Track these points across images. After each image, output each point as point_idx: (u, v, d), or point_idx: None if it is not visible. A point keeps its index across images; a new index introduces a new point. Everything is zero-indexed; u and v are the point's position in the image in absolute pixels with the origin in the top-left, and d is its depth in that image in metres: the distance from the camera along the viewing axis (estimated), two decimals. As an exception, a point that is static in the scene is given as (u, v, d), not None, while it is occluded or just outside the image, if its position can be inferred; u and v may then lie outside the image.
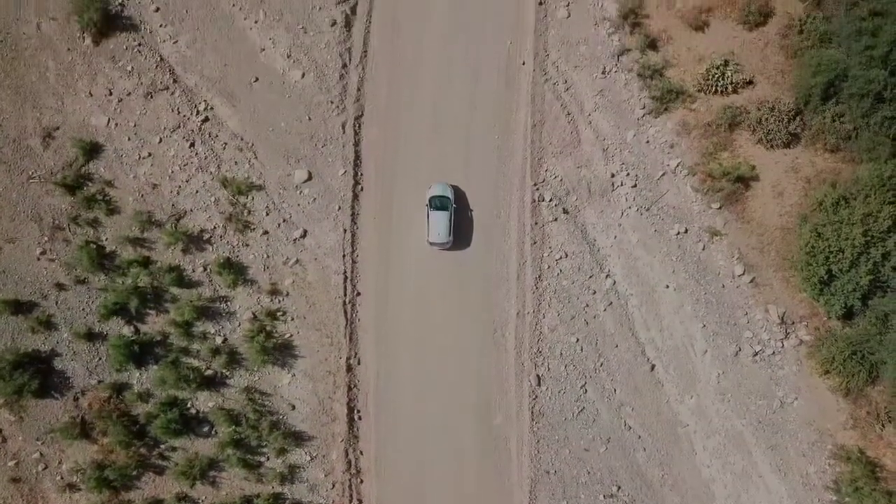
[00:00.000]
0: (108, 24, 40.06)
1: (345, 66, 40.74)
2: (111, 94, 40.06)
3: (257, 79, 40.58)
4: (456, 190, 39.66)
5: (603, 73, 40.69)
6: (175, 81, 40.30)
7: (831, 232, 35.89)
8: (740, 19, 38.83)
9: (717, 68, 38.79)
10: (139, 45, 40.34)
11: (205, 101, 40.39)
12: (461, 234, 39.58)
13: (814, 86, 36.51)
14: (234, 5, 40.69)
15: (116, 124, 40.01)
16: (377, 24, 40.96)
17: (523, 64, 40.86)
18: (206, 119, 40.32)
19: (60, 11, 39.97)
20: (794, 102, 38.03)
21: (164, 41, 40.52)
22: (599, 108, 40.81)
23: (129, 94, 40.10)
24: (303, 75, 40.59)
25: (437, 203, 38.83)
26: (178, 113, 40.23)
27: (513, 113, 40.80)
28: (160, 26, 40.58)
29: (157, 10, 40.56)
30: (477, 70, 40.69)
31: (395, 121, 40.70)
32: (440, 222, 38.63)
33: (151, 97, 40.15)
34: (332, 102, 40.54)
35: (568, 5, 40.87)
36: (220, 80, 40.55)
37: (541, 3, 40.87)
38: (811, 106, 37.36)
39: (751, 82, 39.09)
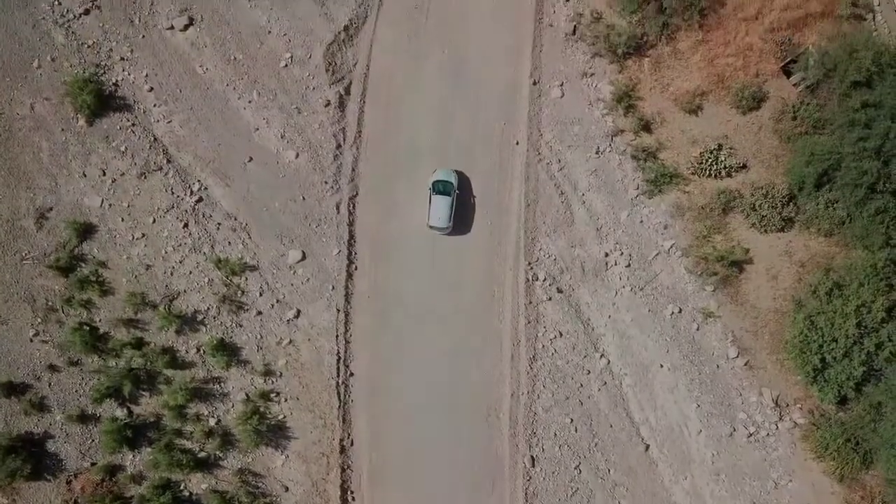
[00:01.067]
0: (102, 104, 40.04)
1: (339, 146, 40.74)
2: (105, 174, 40.05)
3: (251, 159, 40.58)
4: (460, 176, 39.81)
5: (597, 152, 40.71)
6: (169, 161, 40.29)
7: (825, 322, 35.88)
8: (734, 103, 38.87)
9: (711, 153, 38.82)
10: (133, 125, 40.34)
11: (198, 181, 40.38)
12: (461, 220, 39.72)
13: (807, 174, 36.51)
14: (227, 85, 40.68)
15: (110, 205, 39.98)
16: (371, 104, 40.97)
17: (517, 143, 40.88)
18: (200, 199, 40.30)
19: (54, 92, 39.97)
20: (787, 188, 38.03)
21: (158, 121, 40.52)
22: (593, 187, 40.81)
23: (122, 174, 40.09)
24: (297, 155, 40.59)
25: (440, 187, 39.13)
26: (172, 193, 40.21)
27: (506, 193, 40.77)
28: (154, 106, 40.57)
29: (151, 89, 40.56)
30: (471, 149, 40.68)
31: (389, 200, 40.68)
32: (441, 207, 38.91)
33: (145, 177, 40.14)
34: (326, 182, 40.54)
35: (561, 85, 40.87)
36: (214, 159, 40.55)
37: (535, 83, 40.87)
38: (805, 192, 37.38)
39: (745, 166, 39.11)
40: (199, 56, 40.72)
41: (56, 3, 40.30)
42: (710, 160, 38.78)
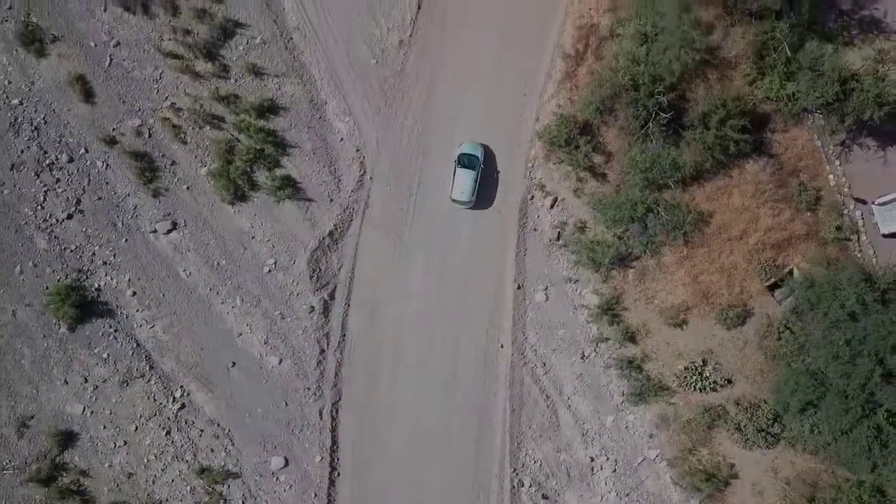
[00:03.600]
0: (85, 310, 39.81)
1: (322, 351, 40.49)
2: (87, 381, 39.81)
3: (234, 364, 40.34)
4: (486, 151, 39.79)
5: (582, 357, 40.48)
6: (151, 368, 40.04)
7: (811, 553, 35.57)
8: (719, 320, 38.66)
9: (696, 368, 38.63)
10: (115, 330, 40.10)
11: (181, 386, 40.13)
12: (483, 195, 40.00)
13: (791, 401, 36.27)
14: (211, 290, 40.47)
15: (92, 412, 39.74)
16: (356, 309, 40.74)
17: (501, 347, 40.64)
18: (183, 406, 40.04)
19: (37, 298, 39.73)
20: (772, 407, 37.78)
21: (141, 326, 40.29)
22: (578, 391, 40.56)
23: (104, 381, 39.85)
24: (280, 361, 40.35)
25: (466, 161, 39.24)
26: (154, 400, 39.95)
27: (491, 397, 40.51)
28: (137, 311, 40.35)
29: (134, 294, 40.34)
30: (455, 355, 40.44)
31: (372, 406, 40.42)
32: (465, 180, 38.99)
33: (127, 385, 39.88)
34: (309, 389, 40.28)
35: (546, 289, 40.67)
36: (196, 365, 40.30)
37: (519, 287, 40.68)
38: (789, 415, 37.13)
39: (730, 381, 38.89)
40: (183, 260, 40.53)
41: (38, 208, 40.11)
42: (695, 376, 38.57)
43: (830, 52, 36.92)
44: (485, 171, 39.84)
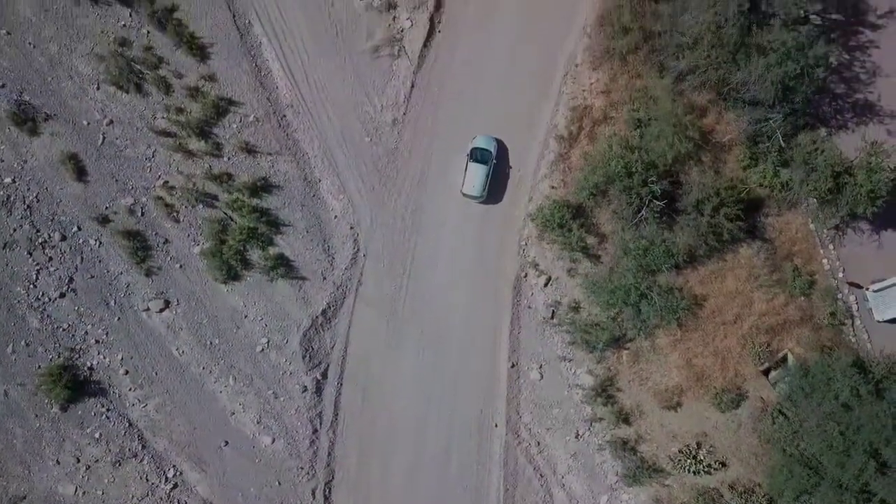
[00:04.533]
0: (77, 389, 39.66)
1: (315, 430, 40.34)
2: (79, 461, 39.67)
3: (227, 443, 40.19)
4: (499, 145, 39.39)
5: (576, 436, 40.33)
6: (144, 447, 39.90)
7: None
8: (713, 402, 38.50)
9: (690, 451, 38.46)
10: (108, 410, 39.97)
11: (174, 466, 40.00)
12: (495, 189, 39.68)
13: (786, 488, 36.12)
14: (203, 368, 40.34)
15: (84, 493, 39.60)
16: (349, 387, 40.63)
17: (496, 426, 40.47)
18: (175, 486, 39.92)
19: (29, 377, 39.60)
20: (767, 492, 37.61)
21: (133, 405, 40.16)
22: (573, 470, 40.40)
23: (97, 461, 39.71)
24: (273, 440, 40.20)
25: (478, 155, 38.82)
26: (147, 480, 39.82)
27: (485, 476, 40.34)
28: (129, 390, 40.23)
29: (127, 373, 40.22)
30: (449, 434, 40.29)
31: (365, 485, 40.28)
32: (477, 175, 38.62)
33: (120, 465, 39.75)
34: (302, 468, 40.12)
35: (540, 367, 40.52)
36: (189, 444, 40.16)
37: (513, 366, 40.54)
38: (784, 500, 36.93)
39: (724, 464, 38.71)
40: (176, 339, 40.40)
41: (31, 286, 39.98)
42: (689, 458, 38.41)
43: (824, 135, 36.89)
44: (497, 167, 39.31)
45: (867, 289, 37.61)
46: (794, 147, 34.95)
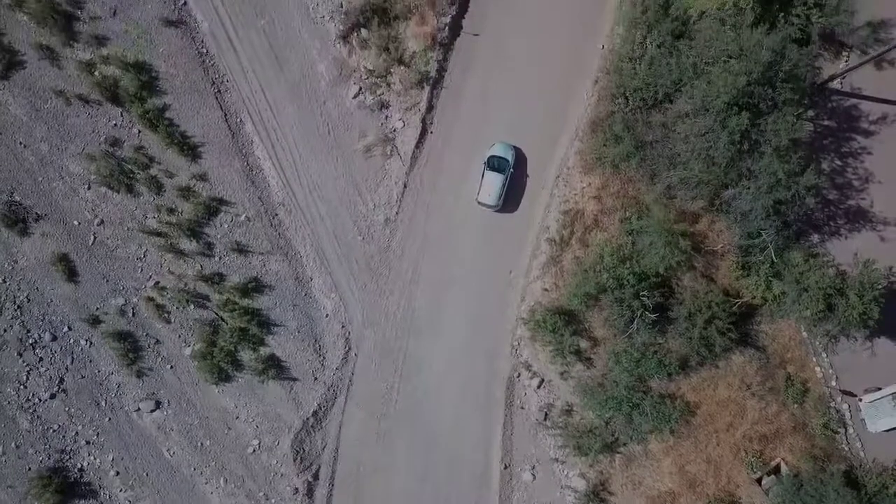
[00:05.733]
0: (67, 491, 39.51)
1: (307, 533, 40.19)
2: (69, 565, 39.47)
3: (218, 544, 40.03)
4: (517, 153, 39.00)
5: (570, 541, 40.11)
6: (135, 551, 39.76)
7: None
8: (706, 508, 38.29)
9: (683, 558, 38.20)
10: (98, 512, 39.85)
11: (164, 569, 39.82)
12: (511, 198, 39.18)
13: None
14: (195, 470, 40.17)
15: None
16: (340, 489, 40.45)
17: (488, 526, 40.27)
18: (166, 588, 39.71)
19: (19, 480, 39.42)
20: None
21: (124, 507, 40.03)
22: (566, 572, 40.17)
23: (87, 564, 39.53)
24: (264, 542, 40.04)
25: (495, 164, 38.39)
26: (137, 583, 39.62)
27: (479, 587, 40.19)
28: (120, 490, 40.11)
29: (117, 473, 40.09)
30: (442, 536, 40.15)
31: (358, 587, 40.16)
32: (493, 184, 38.23)
33: (110, 567, 39.57)
34: (293, 572, 39.96)
35: (533, 468, 40.31)
36: (180, 546, 40.00)
37: (506, 467, 40.31)
38: None
39: (718, 571, 38.43)
40: (167, 440, 40.24)
41: (21, 387, 39.86)
42: (682, 565, 38.13)
43: (816, 241, 36.75)
44: (514, 175, 38.90)
45: (860, 399, 37.40)
46: (787, 264, 34.74)
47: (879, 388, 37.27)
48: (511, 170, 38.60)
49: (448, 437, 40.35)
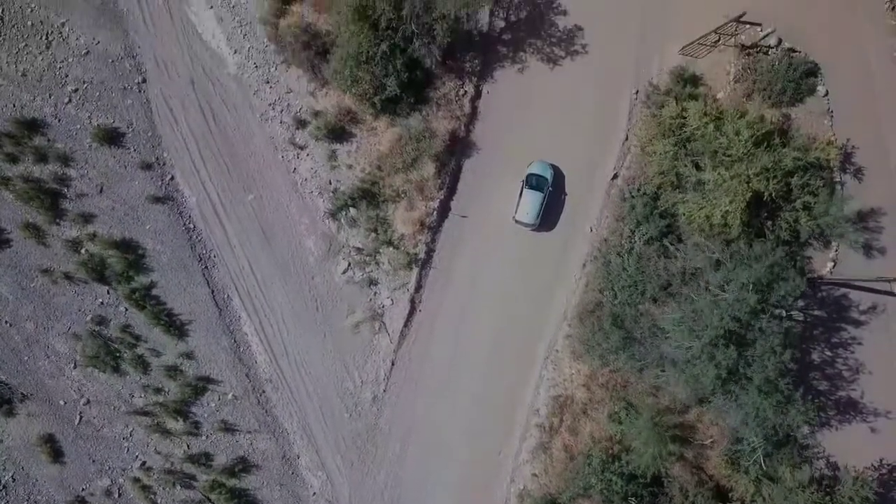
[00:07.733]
0: None
1: None
2: None
3: None
4: (555, 172, 38.63)
5: None
6: None
7: None
8: None
9: None
10: None
11: None
12: (549, 217, 38.84)
13: None
14: None
15: None
16: None
17: None
18: None
19: None
20: None
21: None
22: None
23: None
24: None
25: (534, 182, 38.07)
26: None
27: None
28: None
29: None
30: None
31: None
32: (532, 202, 37.88)
33: None
34: None
35: None
36: None
37: None
38: None
39: None
40: None
41: (6, 569, 39.55)
42: None
43: (806, 433, 36.64)
44: (552, 194, 38.51)
45: None
46: (775, 472, 34.54)
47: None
48: (550, 188, 38.07)
49: None
